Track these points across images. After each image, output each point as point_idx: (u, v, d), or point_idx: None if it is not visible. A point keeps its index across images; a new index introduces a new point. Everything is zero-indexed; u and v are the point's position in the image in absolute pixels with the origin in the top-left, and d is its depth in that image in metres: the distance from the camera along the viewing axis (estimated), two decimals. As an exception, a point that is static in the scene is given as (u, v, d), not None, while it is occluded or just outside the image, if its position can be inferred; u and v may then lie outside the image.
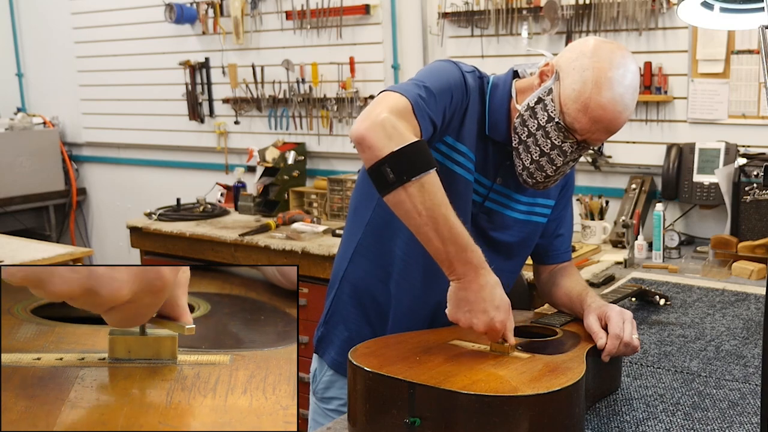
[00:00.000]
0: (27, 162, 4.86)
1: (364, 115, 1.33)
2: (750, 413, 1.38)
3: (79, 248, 3.43)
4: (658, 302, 2.04)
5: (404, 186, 1.29)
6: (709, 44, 2.84)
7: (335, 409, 1.67)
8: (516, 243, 1.62)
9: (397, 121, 1.32)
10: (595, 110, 1.41)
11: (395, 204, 1.32)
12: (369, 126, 1.31)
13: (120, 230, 4.47)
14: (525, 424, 1.14)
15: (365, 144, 1.31)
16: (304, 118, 3.98)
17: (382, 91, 1.41)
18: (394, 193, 1.30)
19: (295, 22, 3.90)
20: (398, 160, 1.29)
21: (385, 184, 1.30)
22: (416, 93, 1.39)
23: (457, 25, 3.40)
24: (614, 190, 3.13)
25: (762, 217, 2.60)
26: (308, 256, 3.13)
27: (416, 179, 1.29)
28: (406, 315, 1.58)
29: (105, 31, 4.74)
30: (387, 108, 1.33)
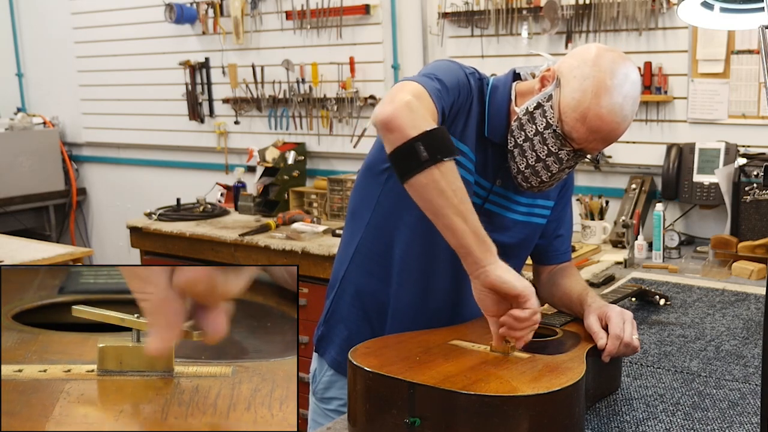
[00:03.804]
0: (27, 162, 4.86)
1: (388, 99, 1.33)
2: (750, 413, 1.38)
3: (79, 248, 3.43)
4: (658, 302, 2.04)
5: (438, 165, 1.28)
6: (709, 44, 2.84)
7: (335, 409, 1.67)
8: (516, 244, 1.62)
9: (421, 105, 1.33)
10: (594, 120, 1.41)
11: (427, 183, 1.29)
12: (396, 107, 1.30)
13: (120, 230, 4.47)
14: (525, 424, 1.14)
15: (394, 124, 1.30)
16: (304, 118, 3.98)
17: (399, 81, 1.42)
18: (426, 172, 1.28)
19: (295, 22, 3.90)
20: (433, 139, 1.28)
21: (416, 163, 1.28)
22: (432, 84, 1.41)
23: (457, 25, 3.40)
24: (614, 190, 3.13)
25: (762, 217, 2.60)
26: (308, 256, 3.13)
27: (448, 160, 1.29)
28: (406, 315, 1.58)
29: (105, 31, 4.74)
30: (410, 92, 1.34)
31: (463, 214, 1.30)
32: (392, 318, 1.60)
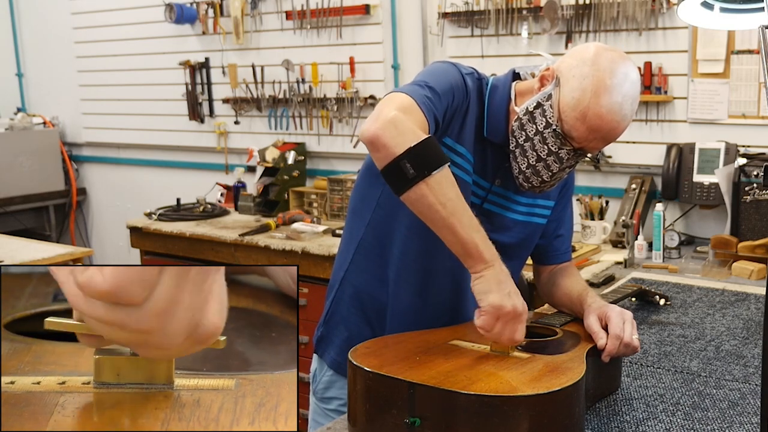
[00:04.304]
0: (27, 162, 4.86)
1: (374, 116, 1.34)
2: (750, 413, 1.38)
3: (79, 248, 3.42)
4: (658, 302, 2.04)
5: (425, 180, 1.29)
6: (709, 44, 2.84)
7: (335, 409, 1.67)
8: (516, 244, 1.62)
9: (407, 119, 1.33)
10: (593, 119, 1.41)
11: (417, 199, 1.31)
12: (381, 125, 1.31)
13: (120, 230, 4.47)
14: (525, 424, 1.14)
15: (379, 143, 1.31)
16: (304, 118, 3.98)
17: (387, 94, 1.42)
18: (415, 188, 1.30)
19: (295, 22, 3.90)
20: (417, 154, 1.29)
21: (404, 180, 1.30)
22: (421, 93, 1.41)
23: (457, 25, 3.40)
24: (614, 190, 3.13)
25: (762, 217, 2.60)
26: (308, 256, 3.13)
27: (436, 172, 1.30)
28: (405, 315, 1.58)
29: (105, 31, 4.74)
30: (395, 107, 1.35)
31: (452, 226, 1.31)
32: (392, 318, 1.60)
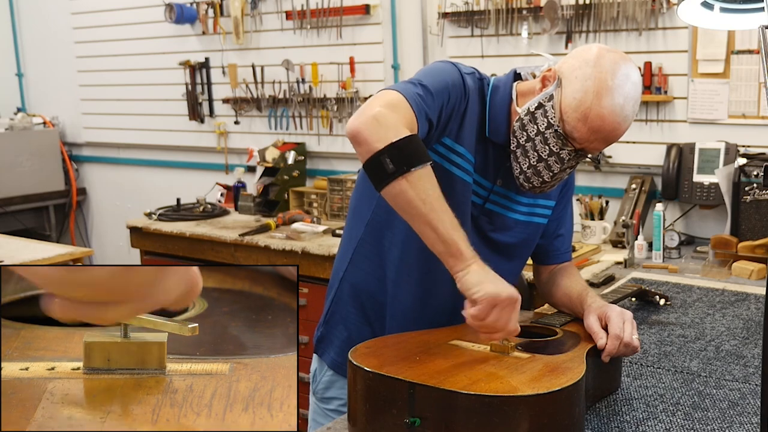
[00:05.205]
0: (27, 162, 4.85)
1: (359, 112, 1.35)
2: (750, 413, 1.38)
3: (79, 248, 3.42)
4: (658, 302, 2.04)
5: (405, 176, 1.29)
6: (709, 44, 2.84)
7: (335, 409, 1.67)
8: (517, 244, 1.62)
9: (391, 115, 1.33)
10: (595, 120, 1.41)
11: (396, 194, 1.32)
12: (364, 120, 1.32)
13: (120, 230, 4.47)
14: (525, 424, 1.14)
15: (360, 138, 1.32)
16: (304, 118, 3.98)
17: (379, 91, 1.42)
18: (394, 183, 1.30)
19: (295, 22, 3.90)
20: (397, 150, 1.30)
21: (384, 175, 1.30)
22: (413, 91, 1.41)
23: (457, 25, 3.40)
24: (614, 190, 3.13)
25: (762, 217, 2.60)
26: (308, 256, 3.13)
27: (416, 169, 1.30)
28: (405, 315, 1.58)
29: (105, 31, 4.73)
30: (381, 103, 1.35)
31: (432, 223, 1.31)
32: (391, 318, 1.60)
